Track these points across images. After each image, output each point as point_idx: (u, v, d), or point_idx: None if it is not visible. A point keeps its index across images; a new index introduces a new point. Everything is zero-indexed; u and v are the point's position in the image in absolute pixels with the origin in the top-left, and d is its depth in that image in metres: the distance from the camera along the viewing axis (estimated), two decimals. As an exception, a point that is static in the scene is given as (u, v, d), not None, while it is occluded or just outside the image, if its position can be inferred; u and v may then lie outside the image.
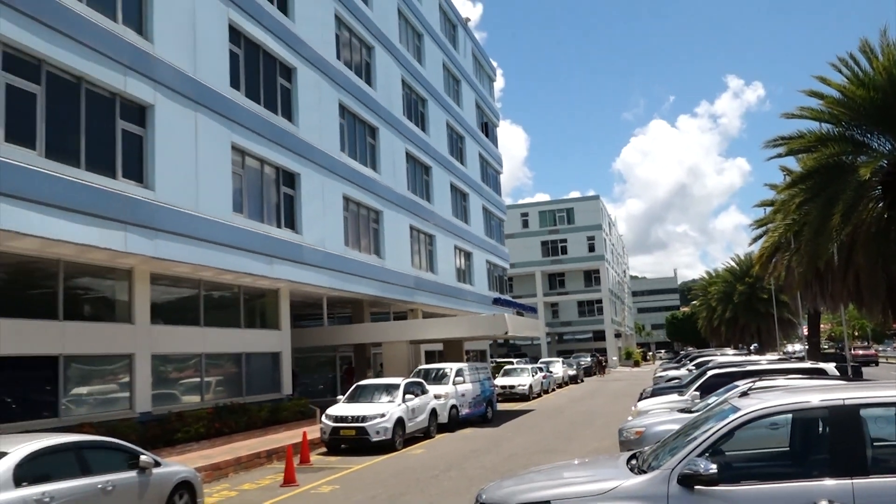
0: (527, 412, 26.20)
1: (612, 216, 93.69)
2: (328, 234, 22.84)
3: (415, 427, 18.32)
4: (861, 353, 55.91)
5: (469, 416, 22.09)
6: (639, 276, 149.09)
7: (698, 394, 14.41)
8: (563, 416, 24.00)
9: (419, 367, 23.57)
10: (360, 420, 16.69)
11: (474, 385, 22.84)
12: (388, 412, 17.03)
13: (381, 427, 16.65)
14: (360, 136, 26.56)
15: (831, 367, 14.89)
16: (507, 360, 51.51)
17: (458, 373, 22.13)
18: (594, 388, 40.78)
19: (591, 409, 26.56)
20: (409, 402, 18.11)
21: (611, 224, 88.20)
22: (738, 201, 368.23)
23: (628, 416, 16.01)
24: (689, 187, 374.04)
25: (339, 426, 16.79)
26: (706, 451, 5.34)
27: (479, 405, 22.94)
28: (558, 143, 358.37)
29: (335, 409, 17.43)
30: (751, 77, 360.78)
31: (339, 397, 19.00)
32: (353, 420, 16.75)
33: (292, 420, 20.10)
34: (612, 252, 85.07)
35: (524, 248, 74.40)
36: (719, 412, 6.03)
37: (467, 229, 38.70)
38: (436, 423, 19.78)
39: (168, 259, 15.46)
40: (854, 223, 21.83)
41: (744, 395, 6.40)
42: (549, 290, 77.08)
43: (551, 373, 39.94)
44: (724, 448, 5.61)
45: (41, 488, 7.46)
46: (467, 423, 21.95)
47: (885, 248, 21.79)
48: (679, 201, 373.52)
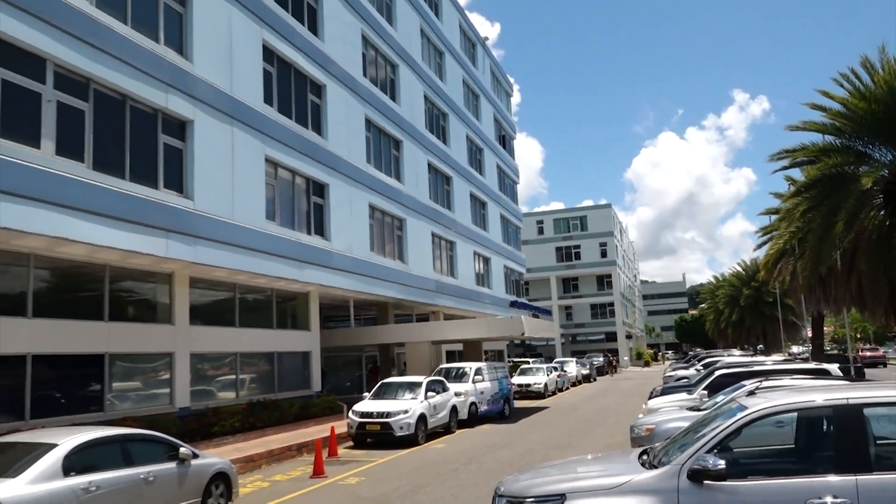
0: (542, 409, 26.07)
1: (624, 223, 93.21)
2: (355, 241, 22.91)
3: (436, 423, 18.30)
4: (868, 354, 53.70)
5: (487, 413, 22.02)
6: (649, 281, 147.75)
7: (706, 393, 14.30)
8: (577, 413, 23.84)
9: (440, 366, 23.56)
10: (384, 416, 16.70)
11: (492, 383, 22.78)
12: (411, 409, 17.03)
13: (404, 423, 16.65)
14: (385, 148, 26.65)
15: (835, 367, 14.71)
16: (523, 359, 51.35)
17: (477, 372, 22.09)
18: (606, 386, 40.49)
19: (603, 406, 26.36)
20: (431, 399, 18.09)
21: (622, 231, 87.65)
22: (744, 209, 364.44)
23: (639, 413, 15.87)
24: (697, 196, 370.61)
25: (364, 421, 16.82)
26: (715, 448, 5.28)
27: (497, 402, 22.86)
28: (572, 155, 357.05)
29: (361, 406, 17.46)
30: (756, 91, 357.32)
31: (365, 394, 19.05)
32: (378, 416, 16.77)
33: (321, 416, 20.14)
34: (624, 257, 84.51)
35: (540, 254, 74.28)
36: (727, 410, 5.96)
37: (486, 236, 38.63)
38: (456, 419, 19.74)
39: (206, 264, 15.58)
40: (856, 230, 21.57)
41: (750, 394, 6.35)
42: (563, 293, 76.70)
43: (565, 372, 39.76)
44: (731, 445, 5.54)
45: (88, 478, 7.54)
46: (486, 419, 21.89)
47: (886, 254, 21.50)
48: (687, 209, 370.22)
